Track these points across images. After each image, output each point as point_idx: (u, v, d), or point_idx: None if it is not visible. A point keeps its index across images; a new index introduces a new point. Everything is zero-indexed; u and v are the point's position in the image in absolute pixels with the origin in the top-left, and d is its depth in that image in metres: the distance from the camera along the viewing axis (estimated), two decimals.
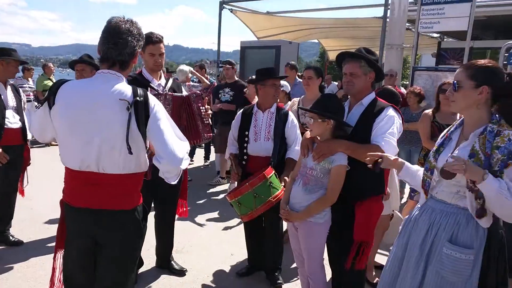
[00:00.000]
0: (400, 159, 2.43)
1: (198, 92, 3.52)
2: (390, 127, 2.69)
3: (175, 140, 2.12)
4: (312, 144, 2.86)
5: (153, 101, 2.11)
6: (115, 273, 2.18)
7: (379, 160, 2.34)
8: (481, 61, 2.10)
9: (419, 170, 2.41)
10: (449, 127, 2.31)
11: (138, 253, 2.30)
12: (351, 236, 2.75)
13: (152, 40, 3.35)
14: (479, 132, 2.03)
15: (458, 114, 4.10)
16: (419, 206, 2.34)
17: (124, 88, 2.08)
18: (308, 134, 2.91)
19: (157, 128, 2.08)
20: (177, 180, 2.20)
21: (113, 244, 2.15)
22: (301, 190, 2.81)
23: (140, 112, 2.03)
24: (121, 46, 2.06)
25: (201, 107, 3.40)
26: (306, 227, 2.81)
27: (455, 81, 2.10)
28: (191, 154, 8.74)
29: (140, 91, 2.08)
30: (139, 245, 2.28)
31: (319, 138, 2.82)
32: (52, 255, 2.40)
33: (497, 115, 2.05)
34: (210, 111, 3.48)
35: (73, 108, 2.05)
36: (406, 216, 2.44)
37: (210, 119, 3.47)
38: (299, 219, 2.80)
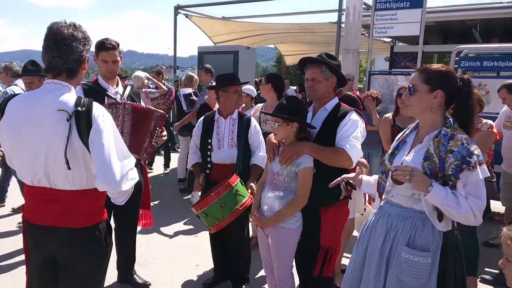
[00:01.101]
0: (359, 176, 2.44)
1: (163, 112, 3.36)
2: (354, 130, 2.70)
3: (115, 158, 1.91)
4: (277, 148, 2.83)
5: (97, 111, 1.94)
6: None
7: (343, 183, 2.37)
8: (435, 66, 2.14)
9: (376, 178, 2.43)
10: (404, 131, 2.33)
11: (102, 271, 2.17)
12: (318, 242, 2.74)
13: (105, 46, 3.22)
14: (434, 135, 2.06)
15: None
16: (375, 211, 2.34)
17: (67, 98, 1.93)
18: (272, 137, 2.88)
19: (97, 141, 1.89)
20: (124, 201, 2.05)
21: (73, 263, 2.02)
22: (271, 197, 2.77)
23: (81, 123, 1.88)
24: (65, 53, 1.94)
25: (157, 129, 3.26)
26: (278, 233, 2.77)
27: (411, 85, 2.12)
28: (150, 162, 8.54)
29: (84, 100, 1.94)
30: (103, 263, 2.15)
31: (283, 142, 2.79)
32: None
33: (451, 119, 2.08)
34: (165, 138, 3.35)
35: (17, 122, 1.94)
36: (364, 222, 2.44)
37: (160, 143, 3.33)
38: (271, 224, 2.75)
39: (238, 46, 9.61)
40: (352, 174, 2.44)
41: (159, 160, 8.78)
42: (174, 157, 8.26)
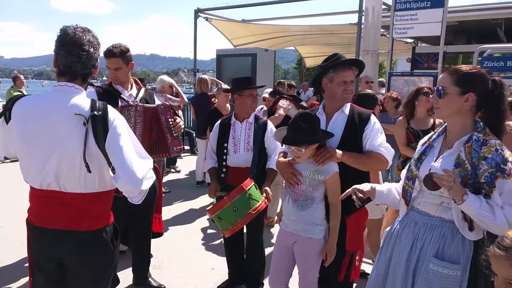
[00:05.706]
0: (370, 186, 2.36)
1: (167, 103, 3.42)
2: (381, 133, 2.75)
3: (135, 159, 1.96)
4: (296, 170, 2.70)
5: (113, 114, 1.99)
6: None
7: (355, 195, 2.31)
8: (466, 67, 2.01)
9: (389, 187, 2.37)
10: (430, 134, 2.23)
11: (109, 275, 2.18)
12: (343, 248, 2.70)
13: (107, 53, 3.30)
14: (464, 140, 1.95)
15: (431, 119, 4.13)
16: (400, 218, 2.24)
17: (82, 101, 1.96)
18: (282, 161, 2.80)
19: (115, 144, 1.94)
20: (141, 200, 2.06)
21: (79, 267, 2.03)
22: (292, 207, 2.71)
23: (98, 127, 1.91)
24: (85, 59, 1.97)
25: (169, 119, 3.31)
26: (306, 244, 2.70)
27: (440, 87, 2.01)
28: (173, 162, 8.62)
29: (99, 104, 1.97)
30: (110, 267, 2.15)
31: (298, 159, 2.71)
32: (25, 278, 2.27)
33: (481, 123, 1.97)
34: (181, 123, 3.39)
35: (28, 125, 1.94)
36: (387, 229, 2.36)
37: (179, 132, 3.37)
38: (334, 244, 2.65)
39: (256, 48, 9.62)
40: (363, 185, 2.36)
41: (179, 163, 8.85)
42: (193, 160, 8.30)
